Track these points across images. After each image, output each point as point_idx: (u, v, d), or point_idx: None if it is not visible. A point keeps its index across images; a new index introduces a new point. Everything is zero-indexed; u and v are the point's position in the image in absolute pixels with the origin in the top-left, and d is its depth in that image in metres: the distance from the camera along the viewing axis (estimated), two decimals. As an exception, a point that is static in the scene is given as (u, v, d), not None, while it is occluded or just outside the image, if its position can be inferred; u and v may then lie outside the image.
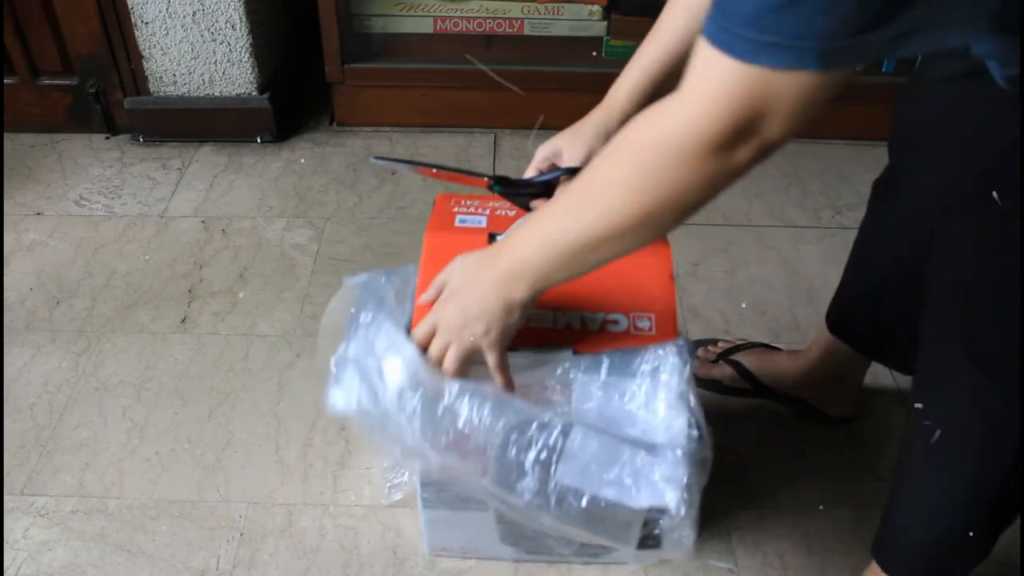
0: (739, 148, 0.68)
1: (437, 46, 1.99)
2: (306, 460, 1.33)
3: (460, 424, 0.90)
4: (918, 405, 0.98)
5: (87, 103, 1.96)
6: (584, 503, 0.89)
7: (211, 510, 1.27)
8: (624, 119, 0.96)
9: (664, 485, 0.88)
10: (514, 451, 0.89)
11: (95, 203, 1.82)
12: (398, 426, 0.92)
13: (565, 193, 0.80)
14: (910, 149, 1.06)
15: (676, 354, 0.94)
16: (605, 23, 1.94)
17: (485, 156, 1.96)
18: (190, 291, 1.62)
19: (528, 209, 1.02)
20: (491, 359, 0.89)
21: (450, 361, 0.89)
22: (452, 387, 0.90)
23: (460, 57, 1.99)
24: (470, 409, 0.90)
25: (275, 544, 1.23)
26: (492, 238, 1.02)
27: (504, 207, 1.08)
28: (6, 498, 1.28)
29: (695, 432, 0.90)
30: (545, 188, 0.99)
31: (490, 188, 1.02)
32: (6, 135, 1.97)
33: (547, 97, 1.95)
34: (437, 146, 1.99)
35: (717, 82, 0.65)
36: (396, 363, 0.92)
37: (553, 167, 0.99)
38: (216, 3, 1.80)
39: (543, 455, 0.89)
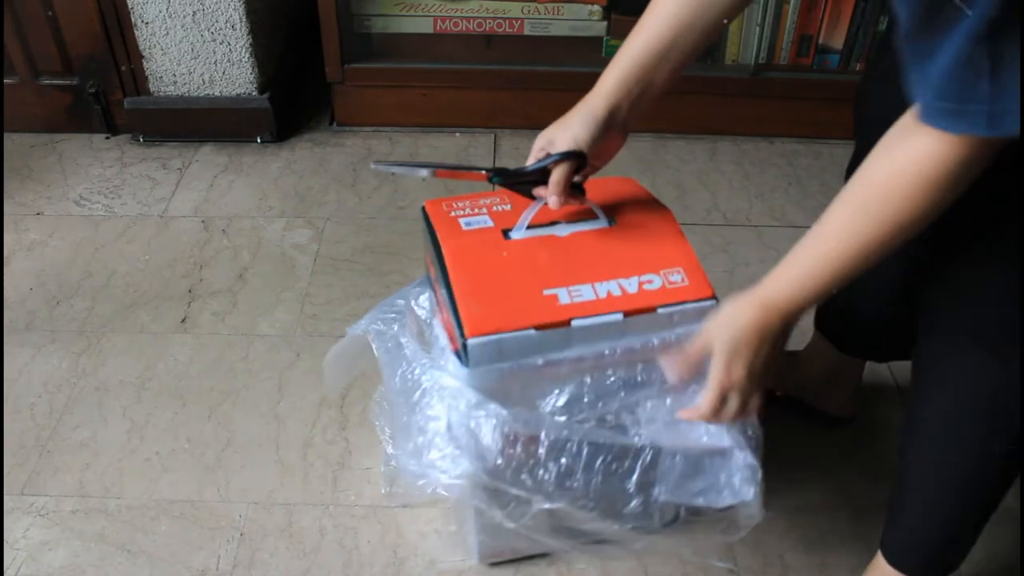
0: (988, 157, 0.74)
1: (437, 46, 1.99)
2: (306, 460, 1.33)
3: (562, 469, 0.98)
4: (917, 391, 0.98)
5: (87, 103, 1.96)
6: (681, 514, 1.01)
7: (211, 510, 1.27)
8: (610, 106, 0.98)
9: (741, 484, 0.97)
10: (617, 481, 0.98)
11: (95, 203, 1.82)
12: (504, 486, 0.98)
13: (825, 239, 0.87)
14: (875, 134, 1.07)
15: None
16: (605, 23, 1.94)
17: (485, 156, 1.96)
18: (190, 291, 1.62)
19: (531, 196, 1.04)
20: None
21: (751, 412, 0.95)
22: (546, 435, 0.97)
23: (460, 57, 1.99)
24: (569, 453, 0.97)
25: (275, 544, 1.23)
26: (506, 234, 1.04)
27: (498, 202, 1.09)
28: (6, 498, 1.28)
29: (750, 429, 0.98)
30: (541, 175, 1.01)
31: (490, 181, 1.04)
32: (6, 135, 1.97)
33: (547, 97, 1.95)
34: (437, 146, 1.99)
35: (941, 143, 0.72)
36: (490, 425, 0.97)
37: (547, 155, 1.01)
38: (216, 3, 1.80)
39: (643, 478, 0.98)
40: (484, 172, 1.03)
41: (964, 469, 0.97)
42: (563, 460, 0.98)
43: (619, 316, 0.96)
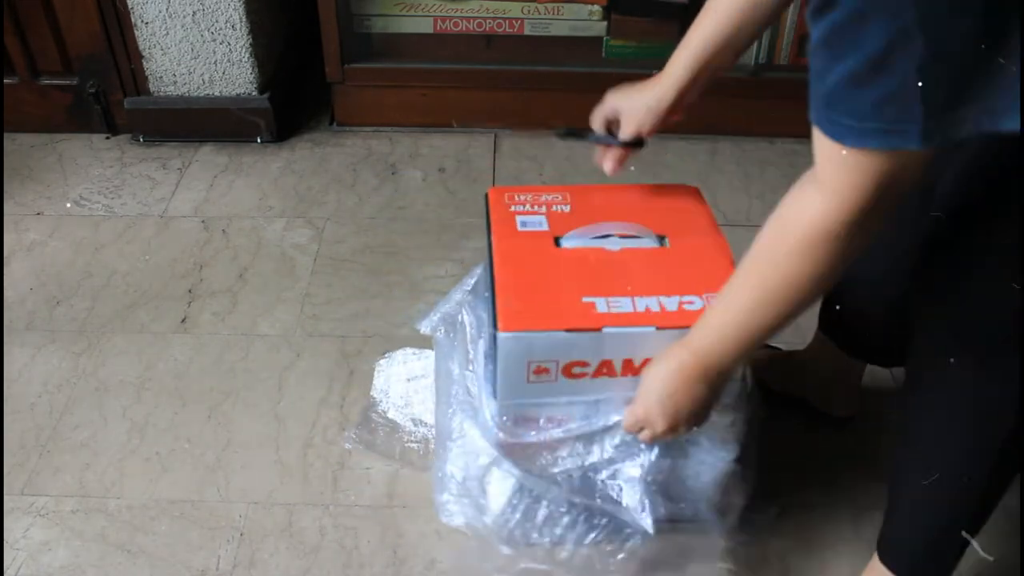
0: (885, 212, 0.74)
1: (437, 46, 1.98)
2: (306, 460, 1.33)
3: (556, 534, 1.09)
4: (911, 398, 0.98)
5: (87, 103, 1.96)
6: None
7: (211, 510, 1.27)
8: (679, 92, 1.05)
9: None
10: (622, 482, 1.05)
11: (95, 203, 1.82)
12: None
13: (738, 298, 0.88)
14: None
15: None
16: (605, 23, 1.94)
17: (485, 156, 1.96)
18: (190, 291, 1.62)
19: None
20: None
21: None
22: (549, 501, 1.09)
23: (460, 57, 1.99)
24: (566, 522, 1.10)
25: (275, 544, 1.23)
26: (557, 242, 1.08)
27: (559, 201, 1.14)
28: (6, 498, 1.28)
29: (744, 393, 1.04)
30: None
31: (559, 135, 1.15)
32: (6, 135, 1.97)
33: (547, 97, 1.96)
34: (437, 146, 1.99)
35: (845, 171, 0.72)
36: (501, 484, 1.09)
37: (611, 125, 1.11)
38: (216, 3, 1.80)
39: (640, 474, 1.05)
40: (552, 131, 1.15)
41: (956, 476, 0.97)
42: (557, 529, 1.10)
43: (652, 329, 0.98)
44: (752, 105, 1.95)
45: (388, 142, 2.00)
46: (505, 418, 1.03)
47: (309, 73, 2.06)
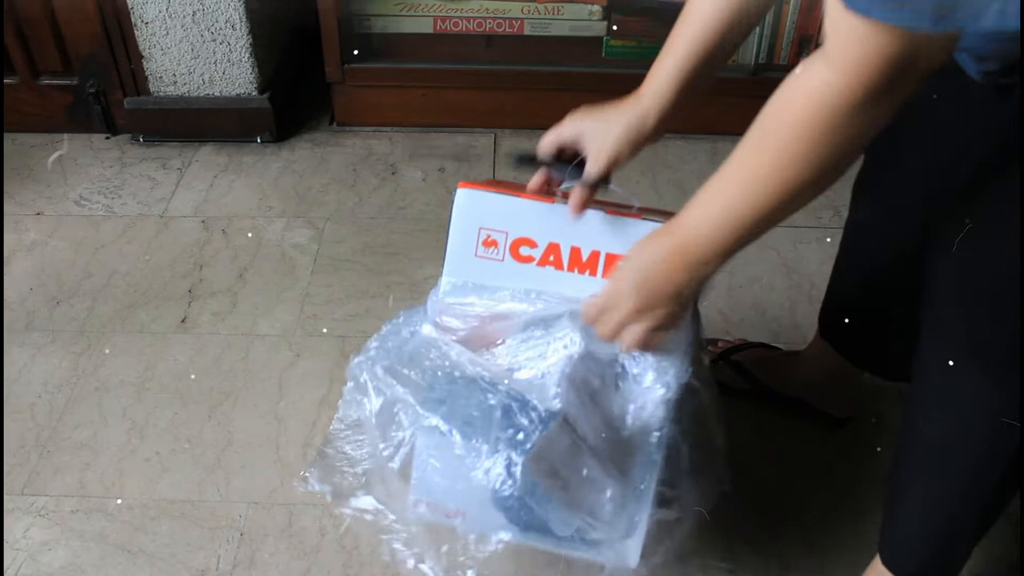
0: (898, 89, 0.67)
1: (437, 46, 1.99)
2: (306, 460, 1.33)
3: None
4: (917, 405, 0.98)
5: (87, 103, 1.96)
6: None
7: (211, 510, 1.27)
8: (660, 119, 0.94)
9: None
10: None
11: (95, 203, 1.82)
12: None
13: (730, 175, 0.80)
14: (885, 147, 1.06)
15: None
16: (605, 23, 1.94)
17: (485, 156, 1.96)
18: (190, 291, 1.62)
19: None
20: (653, 345, 0.91)
21: (631, 342, 0.89)
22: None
23: (460, 57, 1.99)
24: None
25: (275, 544, 1.23)
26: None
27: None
28: (6, 498, 1.28)
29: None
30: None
31: (513, 162, 1.06)
32: (6, 135, 1.97)
33: (547, 97, 1.96)
34: (437, 146, 1.99)
35: (855, 43, 0.65)
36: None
37: (574, 155, 0.98)
38: (216, 3, 1.80)
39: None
40: (513, 158, 1.05)
41: (962, 483, 0.96)
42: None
43: (602, 212, 0.96)
44: (752, 105, 1.92)
45: (388, 142, 2.00)
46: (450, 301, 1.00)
47: (309, 73, 2.06)
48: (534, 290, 1.00)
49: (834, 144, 0.71)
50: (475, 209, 1.01)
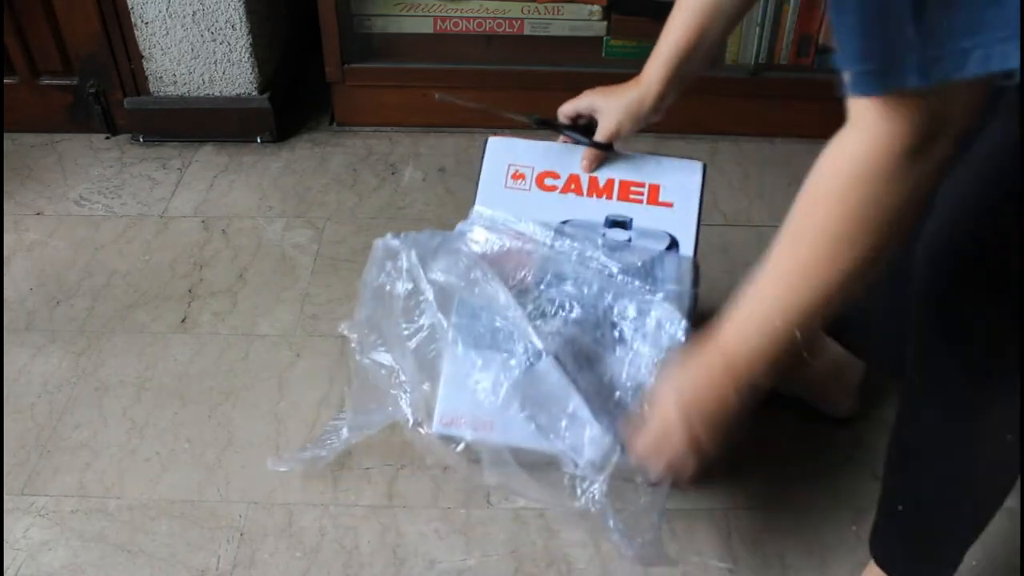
0: (933, 148, 0.65)
1: (437, 46, 1.99)
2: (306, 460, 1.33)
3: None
4: (903, 404, 0.98)
5: (87, 103, 1.96)
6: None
7: (211, 510, 1.27)
8: (658, 97, 1.09)
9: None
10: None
11: (95, 203, 1.82)
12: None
13: (775, 272, 0.75)
14: None
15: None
16: (605, 23, 1.94)
17: (485, 156, 1.96)
18: (190, 291, 1.62)
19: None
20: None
21: (684, 480, 0.86)
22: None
23: (460, 57, 1.99)
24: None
25: (275, 544, 1.23)
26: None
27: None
28: (6, 498, 1.28)
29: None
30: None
31: (533, 124, 1.21)
32: (6, 135, 1.97)
33: (547, 97, 1.95)
34: (437, 146, 1.99)
35: (881, 119, 0.64)
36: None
37: (589, 120, 1.17)
38: (216, 3, 1.80)
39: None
40: (526, 120, 1.20)
41: (947, 486, 0.96)
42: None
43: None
44: (752, 105, 1.95)
45: (388, 142, 2.00)
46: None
47: (309, 73, 2.06)
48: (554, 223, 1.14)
49: (880, 217, 0.67)
50: (505, 152, 1.20)
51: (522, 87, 1.97)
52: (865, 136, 0.65)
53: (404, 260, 1.14)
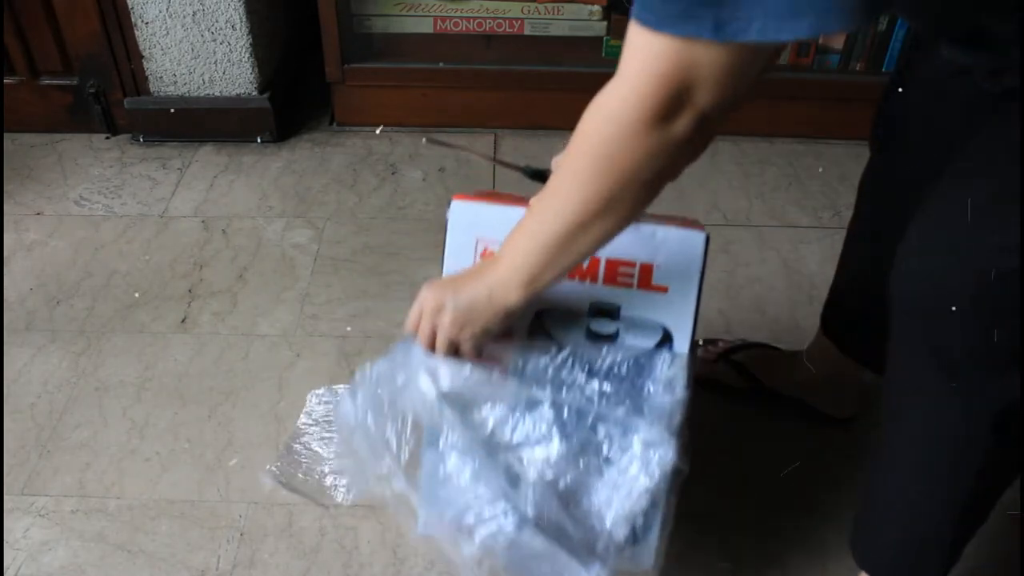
0: (675, 120, 0.71)
1: (437, 46, 1.99)
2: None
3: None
4: (886, 405, 0.98)
5: (87, 103, 1.96)
6: None
7: (211, 510, 1.27)
8: None
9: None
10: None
11: (95, 203, 1.82)
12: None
13: (537, 197, 0.84)
14: (894, 146, 1.07)
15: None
16: (605, 23, 1.94)
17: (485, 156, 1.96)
18: (190, 291, 1.62)
19: None
20: (467, 353, 0.92)
21: (441, 350, 0.92)
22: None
23: (460, 57, 1.99)
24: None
25: (275, 544, 1.23)
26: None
27: None
28: (6, 498, 1.28)
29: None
30: None
31: (525, 174, 1.08)
32: (6, 135, 1.97)
33: (547, 97, 1.96)
34: (437, 146, 1.99)
35: (641, 57, 0.69)
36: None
37: None
38: (216, 3, 1.80)
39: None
40: (519, 169, 1.08)
41: (929, 488, 0.96)
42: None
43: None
44: (752, 105, 1.95)
45: (388, 142, 2.00)
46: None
47: (309, 73, 2.06)
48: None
49: (622, 166, 0.74)
50: (471, 220, 1.01)
51: (522, 87, 1.98)
52: (619, 93, 0.71)
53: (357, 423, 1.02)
